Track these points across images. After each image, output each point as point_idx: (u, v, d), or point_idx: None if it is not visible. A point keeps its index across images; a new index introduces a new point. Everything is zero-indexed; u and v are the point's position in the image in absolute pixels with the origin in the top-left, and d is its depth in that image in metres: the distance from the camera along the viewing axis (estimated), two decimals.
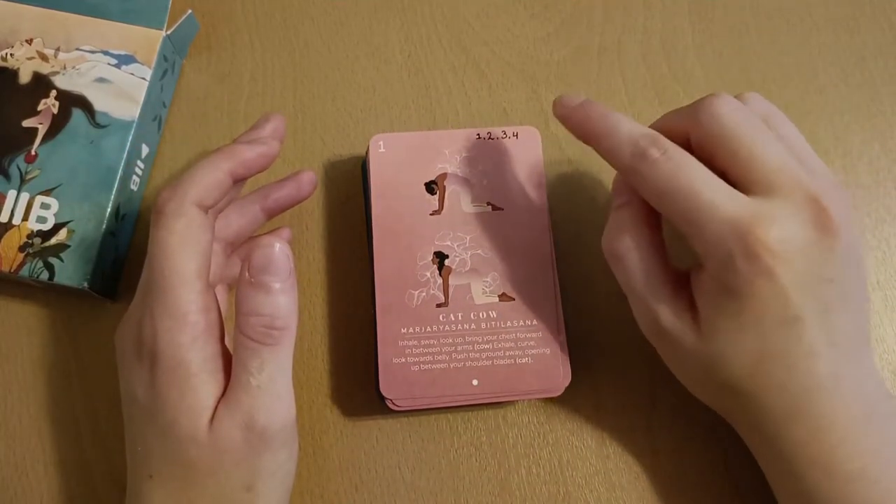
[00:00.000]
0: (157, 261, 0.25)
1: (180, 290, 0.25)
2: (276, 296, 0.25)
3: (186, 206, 0.26)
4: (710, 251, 0.26)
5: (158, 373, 0.25)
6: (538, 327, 0.31)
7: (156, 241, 0.26)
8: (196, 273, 0.25)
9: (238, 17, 0.39)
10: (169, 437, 0.25)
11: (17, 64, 0.34)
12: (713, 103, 0.27)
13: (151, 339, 0.25)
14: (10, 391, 0.33)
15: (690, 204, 0.25)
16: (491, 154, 0.33)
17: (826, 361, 0.26)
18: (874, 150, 0.38)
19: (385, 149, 0.33)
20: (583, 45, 0.40)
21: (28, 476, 0.32)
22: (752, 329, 0.25)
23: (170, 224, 0.25)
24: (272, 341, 0.25)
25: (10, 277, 0.32)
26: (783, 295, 0.25)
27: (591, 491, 0.32)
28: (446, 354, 0.31)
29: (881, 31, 0.41)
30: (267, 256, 0.25)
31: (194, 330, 0.25)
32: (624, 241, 0.28)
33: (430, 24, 0.40)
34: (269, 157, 0.29)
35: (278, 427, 0.25)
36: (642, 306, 0.28)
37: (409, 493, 0.32)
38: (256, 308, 0.25)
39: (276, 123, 0.31)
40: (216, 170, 0.27)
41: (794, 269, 0.25)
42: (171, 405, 0.25)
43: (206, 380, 0.25)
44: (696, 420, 0.33)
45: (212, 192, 0.27)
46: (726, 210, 0.25)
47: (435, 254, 0.32)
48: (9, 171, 0.32)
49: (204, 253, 0.26)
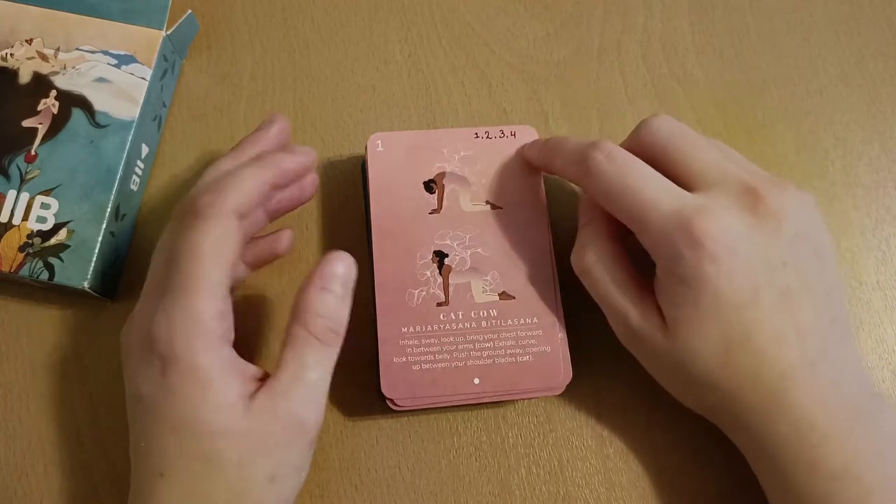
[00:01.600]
0: (184, 262, 0.25)
1: (204, 296, 0.25)
2: (340, 303, 0.27)
3: (226, 214, 0.26)
4: (657, 245, 0.27)
5: (173, 374, 0.25)
6: (539, 325, 0.31)
7: (188, 242, 0.26)
8: (220, 280, 0.26)
9: (238, 17, 0.39)
10: (187, 433, 0.25)
11: (17, 64, 0.34)
12: (651, 121, 0.30)
13: (167, 341, 0.25)
14: (10, 391, 0.33)
15: (635, 201, 0.27)
16: (489, 153, 0.34)
17: (795, 348, 0.26)
18: (874, 150, 0.38)
19: (383, 148, 0.33)
20: (583, 45, 0.40)
21: (28, 476, 0.32)
22: (711, 317, 0.26)
23: (206, 228, 0.26)
24: (332, 342, 0.27)
25: (10, 277, 0.32)
26: (732, 278, 0.26)
27: (591, 491, 0.32)
28: (447, 353, 0.31)
29: (881, 31, 0.41)
30: (344, 268, 0.27)
31: (212, 335, 0.25)
32: (588, 256, 0.30)
33: (430, 24, 0.40)
34: (308, 167, 0.30)
35: (314, 424, 0.26)
36: (613, 314, 0.30)
37: (409, 493, 0.32)
38: (324, 310, 0.26)
39: (281, 125, 0.31)
40: (259, 179, 0.28)
41: (739, 253, 0.26)
42: (193, 404, 0.25)
43: (228, 380, 0.25)
44: (696, 420, 0.33)
45: (252, 200, 0.27)
46: (669, 204, 0.27)
47: (434, 253, 0.32)
48: (9, 171, 0.32)
49: (231, 262, 0.26)
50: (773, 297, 0.26)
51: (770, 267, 0.27)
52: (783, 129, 0.39)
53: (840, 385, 0.27)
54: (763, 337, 0.26)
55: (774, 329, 0.26)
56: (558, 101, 0.39)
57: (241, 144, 0.31)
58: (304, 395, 0.26)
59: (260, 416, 0.25)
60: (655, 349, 0.28)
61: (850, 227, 0.37)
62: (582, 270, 0.30)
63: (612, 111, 0.38)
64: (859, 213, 0.37)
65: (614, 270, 0.29)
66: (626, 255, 0.30)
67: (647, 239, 0.28)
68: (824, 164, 0.38)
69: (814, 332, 0.27)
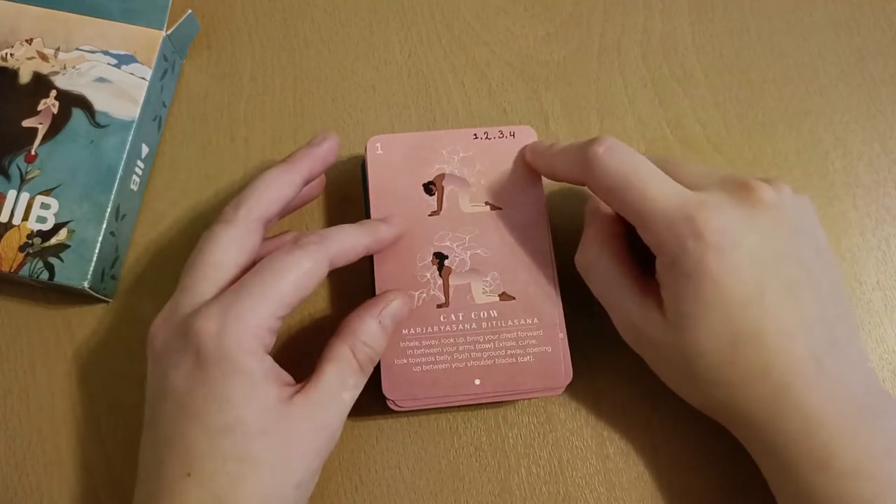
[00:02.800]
0: (267, 276, 0.26)
1: (270, 307, 0.26)
2: (385, 337, 0.29)
3: (322, 257, 0.27)
4: (661, 239, 0.27)
5: (214, 371, 0.25)
6: (539, 325, 0.31)
7: (281, 263, 0.27)
8: (288, 304, 0.27)
9: (238, 17, 0.39)
10: (225, 433, 0.25)
11: (17, 64, 0.34)
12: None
13: (216, 336, 0.25)
14: (10, 391, 0.33)
15: (637, 195, 0.28)
16: (488, 154, 0.34)
17: (802, 343, 0.26)
18: (874, 150, 0.38)
19: (382, 150, 0.33)
20: (583, 45, 0.40)
21: (28, 476, 0.32)
22: (717, 311, 0.26)
23: (303, 261, 0.27)
24: (368, 371, 0.28)
25: (10, 277, 0.32)
26: (737, 270, 0.26)
27: (591, 491, 0.32)
28: (448, 354, 0.31)
29: (881, 31, 0.41)
30: (402, 308, 0.30)
31: (260, 343, 0.26)
32: (590, 254, 0.30)
33: (430, 24, 0.40)
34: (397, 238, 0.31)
35: (335, 443, 0.27)
36: (617, 313, 0.30)
37: (409, 493, 0.32)
38: (371, 341, 0.28)
39: (331, 143, 0.31)
40: (359, 242, 0.29)
41: (743, 245, 0.26)
42: (235, 404, 0.25)
43: (270, 384, 0.26)
44: (696, 420, 0.33)
45: (345, 257, 0.29)
46: (671, 198, 0.27)
47: (434, 254, 0.32)
48: (9, 171, 0.32)
49: (303, 298, 0.27)
50: (779, 291, 0.26)
51: (774, 259, 0.27)
52: (783, 129, 0.39)
53: (848, 381, 0.26)
54: (770, 331, 0.26)
55: (781, 323, 0.26)
56: (558, 101, 0.39)
57: (293, 157, 0.31)
58: (338, 411, 0.27)
59: (298, 421, 0.26)
60: (661, 347, 0.28)
61: (850, 227, 0.37)
62: (584, 268, 0.31)
63: (612, 111, 0.38)
64: (859, 213, 0.37)
65: (618, 268, 0.29)
66: (629, 254, 0.30)
67: (649, 233, 0.28)
68: (824, 164, 0.38)
69: (820, 327, 0.27)
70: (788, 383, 0.26)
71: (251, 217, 0.28)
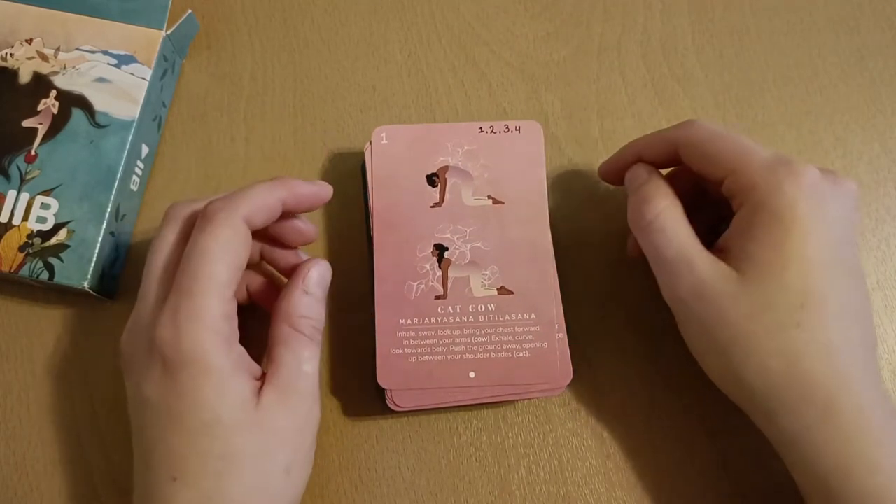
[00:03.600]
0: (194, 265, 0.26)
1: (212, 297, 0.25)
2: (320, 304, 0.29)
3: (235, 218, 0.27)
4: (756, 180, 0.27)
5: (182, 375, 0.25)
6: (536, 321, 0.31)
7: (198, 245, 0.26)
8: (228, 283, 0.26)
9: (238, 17, 0.39)
10: (203, 433, 0.25)
11: (17, 64, 0.34)
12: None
13: (173, 343, 0.25)
14: (10, 391, 0.33)
15: (739, 143, 0.28)
16: (493, 148, 0.34)
17: (857, 331, 0.27)
18: (874, 150, 0.38)
19: (388, 140, 0.33)
20: (583, 45, 0.40)
21: (28, 476, 0.32)
22: (795, 264, 0.26)
23: (217, 231, 0.26)
24: (317, 339, 0.29)
25: (10, 277, 0.32)
26: (823, 227, 0.27)
27: (591, 491, 0.32)
28: (444, 346, 0.31)
29: (881, 31, 0.41)
30: (322, 275, 0.29)
31: (220, 337, 0.26)
32: (653, 208, 0.29)
33: (430, 24, 0.40)
34: (321, 198, 0.30)
35: (318, 414, 0.28)
36: (677, 267, 0.28)
37: (409, 493, 0.32)
38: (309, 312, 0.28)
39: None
40: (270, 194, 0.28)
41: (830, 207, 0.27)
42: (208, 403, 0.25)
43: (241, 377, 0.26)
44: (696, 420, 0.33)
45: (261, 212, 0.28)
46: (768, 151, 0.28)
47: (435, 246, 0.32)
48: (9, 171, 0.32)
49: (239, 266, 0.27)
50: (847, 267, 0.27)
51: (845, 236, 0.27)
52: (783, 129, 0.39)
53: (880, 378, 0.27)
54: (833, 305, 0.26)
55: (842, 302, 0.26)
56: (558, 101, 0.39)
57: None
58: (307, 386, 0.27)
59: (272, 409, 0.26)
60: (723, 300, 0.27)
61: None
62: (644, 222, 0.29)
63: (612, 111, 0.38)
64: (859, 213, 0.37)
65: (681, 220, 0.29)
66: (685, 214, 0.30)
67: (743, 176, 0.28)
68: (824, 164, 0.38)
69: (868, 325, 0.27)
70: (846, 365, 0.26)
71: (183, 214, 0.28)
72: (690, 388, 0.33)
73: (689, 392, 0.33)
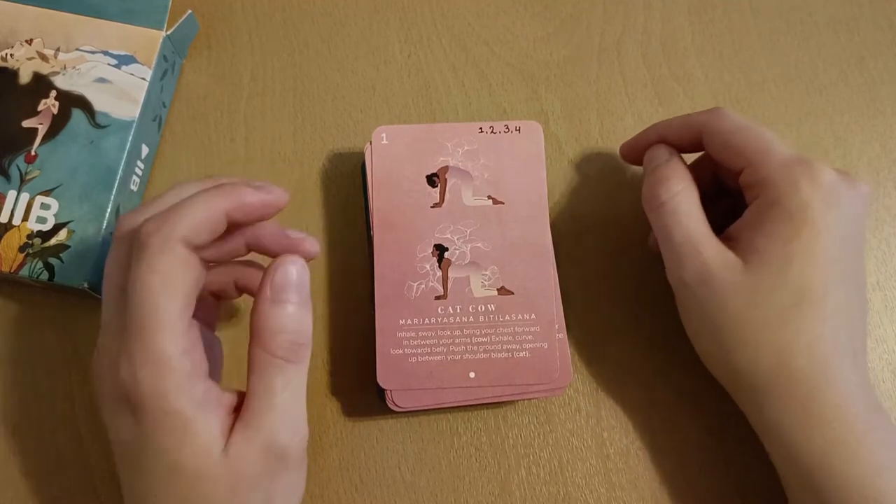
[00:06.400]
0: (137, 301, 0.23)
1: (161, 335, 0.23)
2: (298, 312, 0.25)
3: (172, 243, 0.23)
4: (773, 175, 0.28)
5: (147, 421, 0.23)
6: (536, 322, 0.31)
7: (137, 279, 0.23)
8: (178, 315, 0.23)
9: (238, 17, 0.39)
10: (174, 478, 0.24)
11: (17, 64, 0.34)
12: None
13: (133, 387, 0.23)
14: (10, 391, 0.33)
15: (761, 139, 0.28)
16: (493, 148, 0.34)
17: (845, 332, 0.27)
18: (874, 150, 0.38)
19: (388, 140, 0.33)
20: (583, 45, 0.40)
21: (28, 476, 0.32)
22: (799, 261, 0.27)
23: (153, 262, 0.23)
24: (297, 358, 0.25)
25: (10, 277, 0.32)
26: (833, 229, 0.27)
27: (591, 491, 0.32)
28: (444, 347, 0.31)
29: (881, 31, 0.41)
30: (291, 275, 0.25)
31: (179, 375, 0.23)
32: (667, 188, 0.29)
33: (430, 24, 0.40)
34: (274, 207, 0.26)
35: (297, 446, 0.25)
36: (685, 250, 0.29)
37: (409, 493, 0.32)
38: (282, 326, 0.24)
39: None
40: (210, 208, 0.24)
41: (844, 210, 0.27)
42: (172, 451, 0.23)
43: (206, 419, 0.24)
44: (695, 420, 0.33)
45: (202, 230, 0.24)
46: (790, 149, 0.28)
47: (435, 246, 0.32)
48: (9, 171, 0.32)
49: (188, 293, 0.24)
50: (850, 269, 0.27)
51: (855, 235, 0.28)
52: (783, 129, 0.39)
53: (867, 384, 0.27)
54: (828, 307, 0.27)
55: (837, 304, 0.27)
56: (558, 101, 0.39)
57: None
58: (277, 420, 0.24)
59: (238, 453, 0.24)
60: (725, 288, 0.27)
61: None
62: (657, 202, 0.30)
63: (612, 111, 0.38)
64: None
65: (694, 204, 0.29)
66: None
67: (764, 169, 0.28)
68: None
69: (860, 324, 0.28)
70: (833, 364, 0.26)
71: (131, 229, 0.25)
72: (691, 388, 0.33)
73: (689, 393, 0.34)
